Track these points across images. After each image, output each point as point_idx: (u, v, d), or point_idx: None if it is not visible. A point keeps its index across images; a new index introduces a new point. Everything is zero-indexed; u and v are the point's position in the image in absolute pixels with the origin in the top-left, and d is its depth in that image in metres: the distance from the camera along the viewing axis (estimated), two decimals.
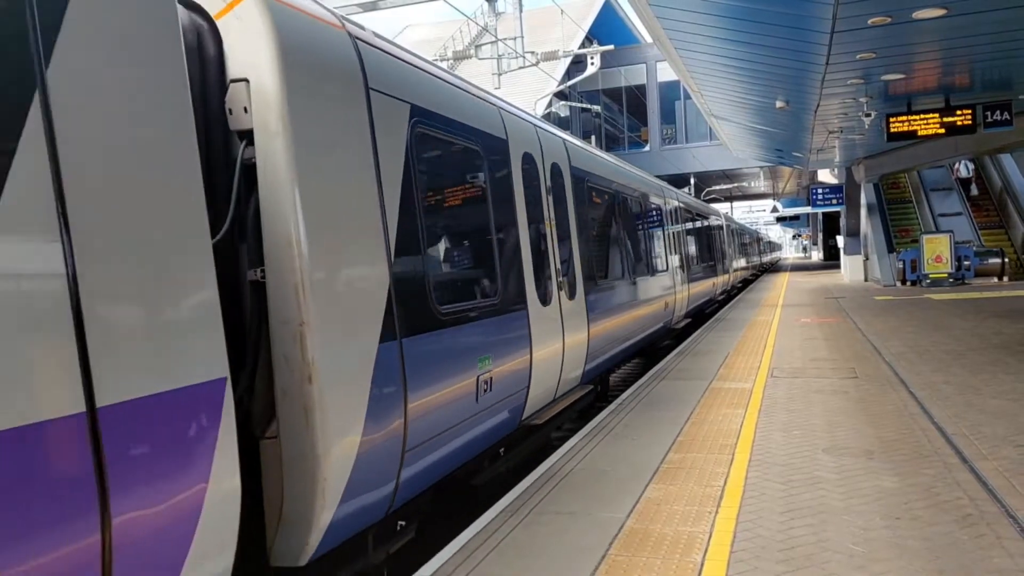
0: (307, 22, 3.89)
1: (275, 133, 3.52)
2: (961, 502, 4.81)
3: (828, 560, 4.05)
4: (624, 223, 10.73)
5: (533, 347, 6.33)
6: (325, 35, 3.99)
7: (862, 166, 28.02)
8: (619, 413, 7.98)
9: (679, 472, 5.78)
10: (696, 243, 18.40)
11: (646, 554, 4.27)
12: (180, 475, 2.66)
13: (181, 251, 2.75)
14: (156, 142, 2.69)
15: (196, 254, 2.82)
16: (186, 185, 2.80)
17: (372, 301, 4.04)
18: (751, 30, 12.63)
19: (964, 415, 7.02)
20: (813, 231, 78.41)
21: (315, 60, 3.83)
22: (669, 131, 44.39)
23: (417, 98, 4.83)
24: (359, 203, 4.04)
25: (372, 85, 4.30)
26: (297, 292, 3.50)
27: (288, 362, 3.50)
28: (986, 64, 14.49)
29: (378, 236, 4.16)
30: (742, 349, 12.39)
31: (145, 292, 2.60)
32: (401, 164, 4.49)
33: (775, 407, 7.85)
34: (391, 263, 4.24)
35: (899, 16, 10.96)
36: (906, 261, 26.16)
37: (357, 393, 3.82)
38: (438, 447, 4.70)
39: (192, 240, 2.81)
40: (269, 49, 3.53)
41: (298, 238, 3.52)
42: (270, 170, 3.53)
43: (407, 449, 4.27)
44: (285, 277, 3.51)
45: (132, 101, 2.60)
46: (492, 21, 23.42)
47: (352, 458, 3.75)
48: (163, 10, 2.75)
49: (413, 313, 4.41)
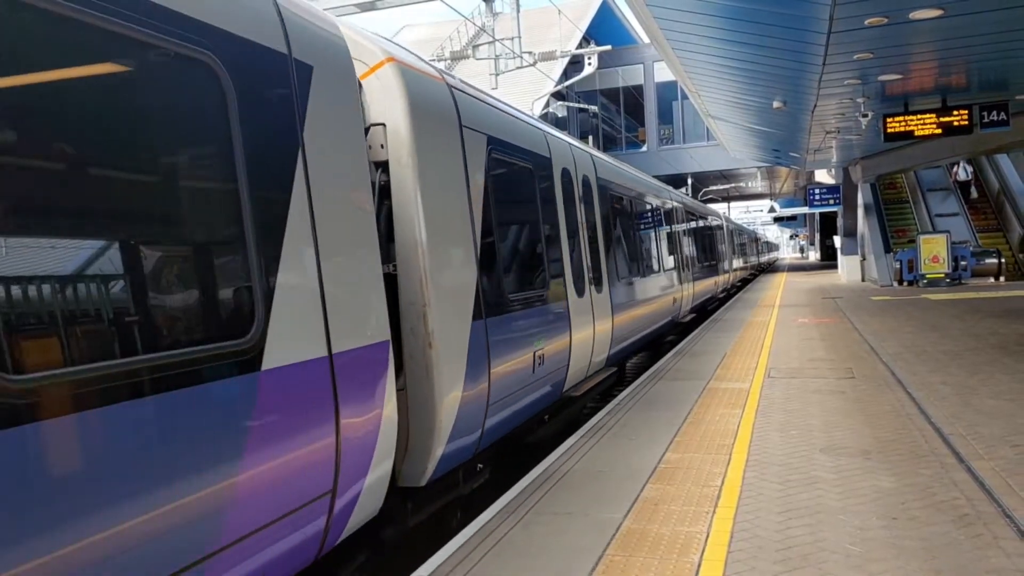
0: (423, 79, 5.10)
1: (405, 164, 4.71)
2: (958, 502, 4.82)
3: (825, 560, 4.05)
4: (640, 226, 12.13)
5: (572, 331, 7.56)
6: (434, 88, 5.23)
7: (859, 166, 28.05)
8: (617, 413, 7.98)
9: (676, 472, 5.78)
10: (700, 244, 19.89)
11: (643, 554, 4.27)
12: (371, 401, 3.91)
13: (368, 254, 4.07)
14: (353, 179, 4.03)
15: (373, 256, 4.11)
16: (368, 207, 4.12)
17: (467, 289, 5.27)
18: (748, 30, 12.63)
19: (961, 415, 7.03)
20: (810, 231, 78.48)
21: (430, 108, 5.04)
22: (666, 131, 44.38)
23: (491, 129, 6.12)
24: (458, 214, 5.27)
25: (464, 123, 5.57)
26: (421, 282, 4.69)
27: (414, 333, 4.69)
28: (983, 65, 14.51)
29: (469, 239, 5.37)
30: (739, 349, 12.40)
31: (354, 281, 3.89)
32: (482, 182, 5.73)
33: (772, 407, 7.86)
34: (477, 260, 5.47)
35: (896, 17, 10.97)
36: (903, 261, 26.17)
37: (459, 358, 5.01)
38: (508, 406, 5.96)
39: (371, 246, 4.09)
40: (402, 102, 4.73)
41: (421, 241, 4.70)
42: (401, 191, 4.70)
43: (489, 404, 5.49)
44: (412, 270, 4.69)
45: (340, 151, 3.94)
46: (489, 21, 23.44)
47: (456, 407, 4.91)
48: (353, 93, 4.14)
49: (492, 300, 5.66)
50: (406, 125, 4.71)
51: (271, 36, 3.46)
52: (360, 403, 3.81)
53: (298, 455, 3.32)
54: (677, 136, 43.99)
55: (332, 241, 3.73)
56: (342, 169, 3.95)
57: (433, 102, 5.13)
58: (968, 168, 30.35)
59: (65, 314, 2.42)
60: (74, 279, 2.49)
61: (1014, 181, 29.92)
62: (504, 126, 6.52)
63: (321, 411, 3.51)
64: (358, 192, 4.06)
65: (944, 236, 25.42)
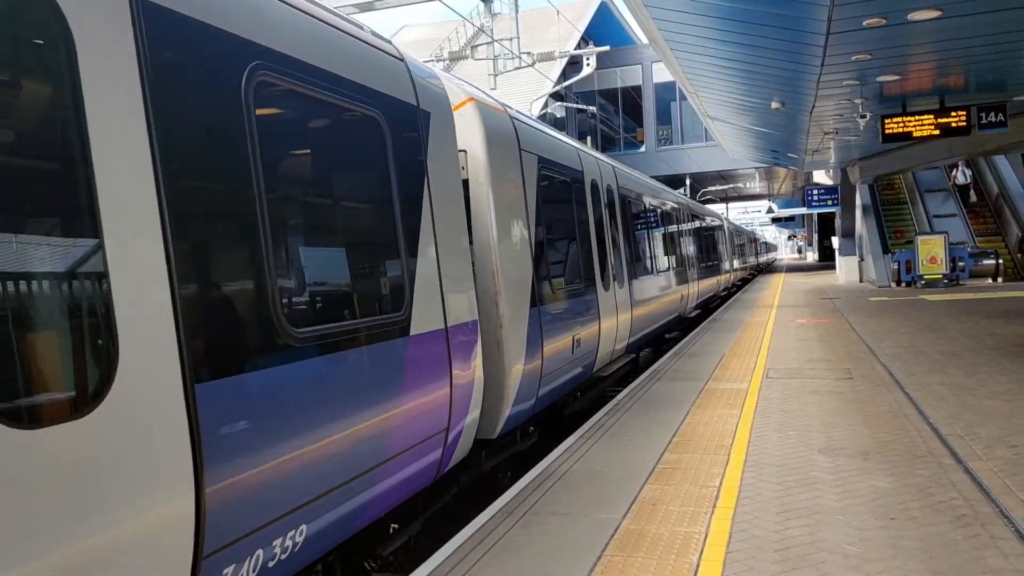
0: (493, 113, 6.50)
1: (482, 182, 6.02)
2: (956, 502, 4.83)
3: (823, 560, 4.06)
4: (652, 228, 13.55)
5: (601, 320, 8.92)
6: (501, 120, 6.65)
7: (857, 167, 28.06)
8: (615, 414, 7.98)
9: (675, 473, 5.78)
10: (705, 245, 21.59)
11: (642, 555, 4.27)
12: (468, 364, 5.22)
13: (465, 253, 5.42)
14: (455, 194, 5.34)
15: (467, 255, 5.47)
16: (463, 216, 5.47)
17: (526, 281, 6.57)
18: (747, 31, 12.63)
19: (959, 416, 7.04)
20: (808, 232, 78.49)
21: (499, 136, 6.42)
22: (665, 132, 44.38)
23: (541, 150, 7.51)
24: (519, 220, 6.58)
25: (522, 147, 6.96)
26: (494, 275, 5.99)
27: (488, 317, 5.91)
28: (981, 66, 14.52)
29: (526, 241, 6.72)
30: (738, 350, 12.40)
31: (457, 275, 5.23)
32: (534, 194, 7.08)
33: (771, 408, 7.86)
34: (532, 257, 6.80)
35: (894, 17, 10.97)
36: (901, 262, 26.17)
37: (521, 338, 6.27)
38: (554, 379, 7.24)
39: (467, 247, 5.46)
40: (479, 133, 6.09)
41: (493, 242, 6.01)
42: (478, 202, 5.98)
43: (542, 377, 6.78)
44: (486, 265, 5.97)
45: (447, 174, 5.21)
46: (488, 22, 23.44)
47: (519, 377, 6.19)
48: (453, 129, 5.46)
49: (543, 291, 7.00)
50: (483, 151, 6.05)
51: (407, 93, 4.81)
52: (462, 365, 5.12)
53: (430, 398, 4.65)
54: (675, 137, 43.99)
55: (446, 244, 5.06)
56: (449, 187, 5.23)
57: (501, 132, 6.51)
58: (967, 171, 30.23)
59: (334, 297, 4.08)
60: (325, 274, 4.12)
61: (1012, 184, 29.94)
62: (549, 147, 7.95)
63: (442, 367, 4.83)
64: (457, 205, 5.38)
65: (942, 237, 25.43)
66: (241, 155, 3.24)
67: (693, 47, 14.55)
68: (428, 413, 4.61)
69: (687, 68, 16.63)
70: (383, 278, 4.41)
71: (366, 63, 4.39)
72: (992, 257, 26.37)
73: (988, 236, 29.40)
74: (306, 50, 3.77)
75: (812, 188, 37.02)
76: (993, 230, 29.81)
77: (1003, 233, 29.27)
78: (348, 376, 3.85)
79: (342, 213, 4.31)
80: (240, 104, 3.26)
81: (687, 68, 16.63)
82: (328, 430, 3.61)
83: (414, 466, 4.52)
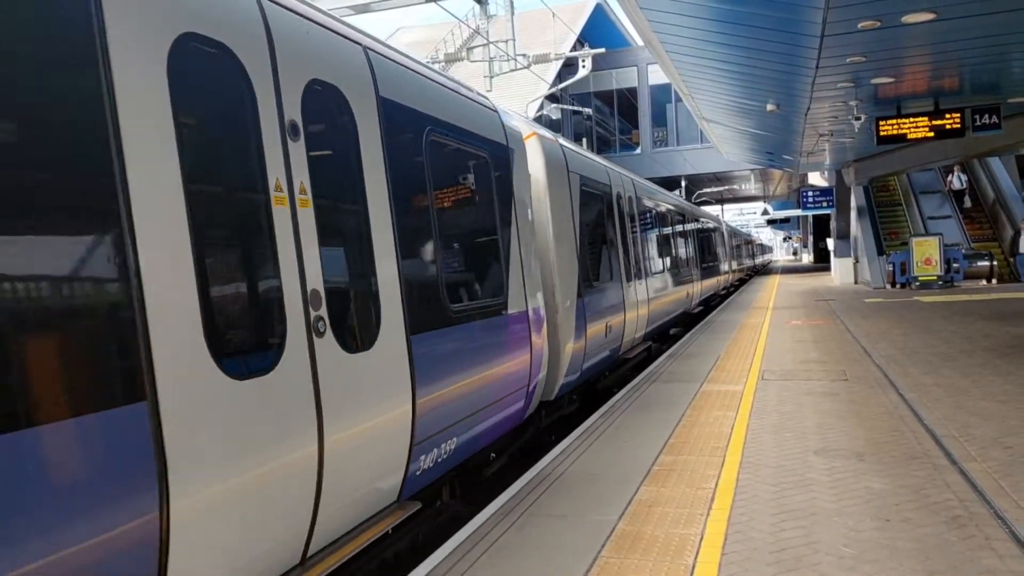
0: (550, 143, 8.10)
1: (543, 200, 7.63)
2: (951, 504, 4.84)
3: (819, 562, 4.07)
4: (663, 233, 15.38)
5: (626, 311, 10.62)
6: (555, 148, 8.22)
7: (852, 169, 28.13)
8: (611, 415, 7.99)
9: (671, 474, 5.79)
10: (707, 247, 23.61)
11: (638, 556, 4.27)
12: (539, 337, 6.79)
13: (535, 254, 6.95)
14: (526, 210, 6.94)
15: (537, 255, 7.03)
16: (533, 228, 7.10)
17: (573, 277, 8.09)
18: (742, 33, 12.67)
19: (954, 417, 7.06)
20: (803, 233, 78.67)
21: (554, 162, 8.03)
22: (660, 134, 44.45)
23: (582, 170, 9.17)
24: (568, 227, 8.19)
25: (569, 168, 8.54)
26: (552, 271, 7.52)
27: (547, 305, 7.39)
28: (975, 68, 14.58)
29: (573, 243, 8.26)
30: (733, 352, 12.42)
31: (533, 271, 6.79)
32: (578, 206, 8.70)
33: (766, 409, 7.87)
34: (579, 256, 8.39)
35: (889, 20, 11.02)
36: (895, 263, 26.23)
37: (571, 322, 7.82)
38: (593, 357, 8.86)
39: (535, 250, 6.99)
40: (541, 161, 7.67)
41: (552, 247, 7.59)
42: (540, 216, 7.55)
43: (585, 355, 8.37)
44: (546, 263, 7.48)
45: (524, 195, 6.87)
46: (484, 24, 23.44)
47: (570, 354, 7.75)
48: (526, 159, 7.18)
49: (586, 282, 8.61)
50: (543, 175, 7.66)
51: (500, 136, 6.48)
52: (536, 338, 6.72)
53: (518, 360, 6.22)
54: (671, 138, 44.06)
55: (525, 247, 6.67)
56: (526, 204, 6.86)
57: (555, 158, 8.12)
58: (963, 177, 30.14)
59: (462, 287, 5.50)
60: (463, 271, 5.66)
61: (1005, 182, 30.02)
62: (587, 167, 9.62)
63: (525, 338, 6.41)
64: (531, 218, 6.99)
65: (936, 239, 25.50)
66: (422, 186, 4.97)
67: (688, 49, 14.58)
68: (518, 371, 6.24)
69: (682, 70, 16.66)
70: (493, 272, 6.07)
71: (478, 117, 6.12)
72: (986, 259, 26.44)
73: (984, 241, 29.38)
74: (450, 114, 5.50)
75: (807, 190, 37.09)
76: (989, 235, 29.77)
77: (999, 239, 29.24)
78: (478, 337, 5.52)
79: (474, 227, 5.99)
80: (422, 152, 5.00)
81: (682, 70, 16.66)
82: (468, 374, 5.25)
83: (509, 409, 6.22)
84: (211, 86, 3.25)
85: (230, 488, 3.02)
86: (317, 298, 3.68)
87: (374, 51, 4.60)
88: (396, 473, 4.38)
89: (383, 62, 4.66)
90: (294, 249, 3.56)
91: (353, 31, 4.51)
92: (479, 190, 6.00)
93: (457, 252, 5.57)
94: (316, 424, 3.57)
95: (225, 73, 3.30)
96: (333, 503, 3.73)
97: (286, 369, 3.41)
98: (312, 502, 3.56)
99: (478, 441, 5.62)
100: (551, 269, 7.50)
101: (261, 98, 3.47)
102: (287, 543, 3.44)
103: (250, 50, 3.42)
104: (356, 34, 4.50)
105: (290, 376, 3.43)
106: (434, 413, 4.71)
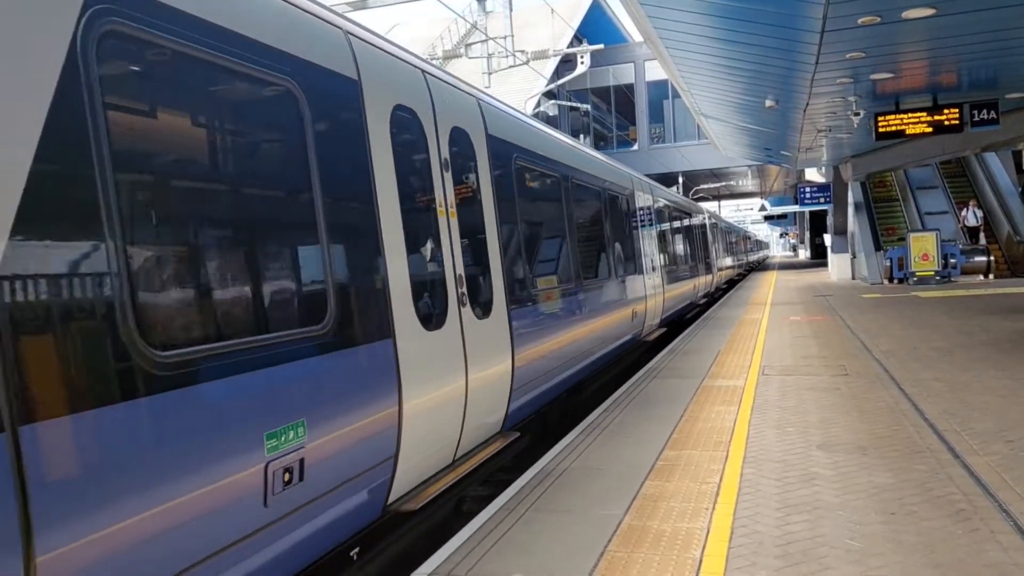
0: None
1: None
2: (954, 497, 4.86)
3: (825, 555, 4.08)
4: (675, 231, 17.24)
5: (647, 298, 12.34)
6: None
7: (850, 165, 28.14)
8: (613, 411, 8.00)
9: (675, 469, 5.80)
10: (711, 243, 25.60)
11: (645, 550, 4.29)
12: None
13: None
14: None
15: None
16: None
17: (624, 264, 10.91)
18: (741, 29, 12.67)
19: (954, 411, 7.08)
20: (800, 230, 78.72)
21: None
22: (657, 130, 44.47)
23: (642, 189, 11.80)
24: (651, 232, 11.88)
25: (636, 188, 11.53)
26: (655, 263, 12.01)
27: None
28: (974, 63, 14.60)
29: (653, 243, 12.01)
30: (732, 347, 12.44)
31: (632, 252, 11.32)
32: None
33: (768, 404, 7.90)
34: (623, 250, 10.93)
35: (888, 16, 11.03)
36: (893, 259, 26.26)
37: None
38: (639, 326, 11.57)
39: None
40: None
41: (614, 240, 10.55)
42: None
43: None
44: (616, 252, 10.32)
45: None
46: (481, 19, 23.41)
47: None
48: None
49: (624, 272, 10.89)
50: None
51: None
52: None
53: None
54: (668, 135, 44.09)
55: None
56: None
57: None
58: (978, 213, 28.49)
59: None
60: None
61: (1002, 178, 30.01)
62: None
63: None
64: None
65: (934, 234, 25.53)
66: (513, 200, 6.65)
67: (687, 45, 14.58)
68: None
69: (681, 66, 16.66)
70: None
71: (545, 142, 7.90)
72: (983, 254, 26.46)
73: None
74: (529, 141, 7.29)
75: (804, 186, 37.15)
76: (987, 233, 29.40)
77: (999, 241, 28.90)
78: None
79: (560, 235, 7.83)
80: (512, 176, 6.66)
81: (681, 66, 16.66)
82: (550, 339, 7.10)
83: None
84: (407, 136, 4.86)
85: (431, 397, 4.67)
86: (460, 280, 5.31)
87: (482, 100, 6.40)
88: (500, 410, 6.00)
89: (488, 107, 6.43)
90: (449, 246, 5.22)
91: (470, 87, 6.29)
92: (563, 202, 8.32)
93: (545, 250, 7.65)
94: (463, 367, 5.16)
95: (413, 128, 4.95)
96: (470, 423, 5.34)
97: (450, 326, 5.03)
98: (460, 421, 5.15)
99: (550, 393, 7.52)
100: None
101: (430, 143, 5.15)
102: (450, 446, 5.12)
103: (424, 111, 5.09)
104: (472, 88, 6.30)
105: (452, 331, 5.05)
106: (523, 368, 6.38)
